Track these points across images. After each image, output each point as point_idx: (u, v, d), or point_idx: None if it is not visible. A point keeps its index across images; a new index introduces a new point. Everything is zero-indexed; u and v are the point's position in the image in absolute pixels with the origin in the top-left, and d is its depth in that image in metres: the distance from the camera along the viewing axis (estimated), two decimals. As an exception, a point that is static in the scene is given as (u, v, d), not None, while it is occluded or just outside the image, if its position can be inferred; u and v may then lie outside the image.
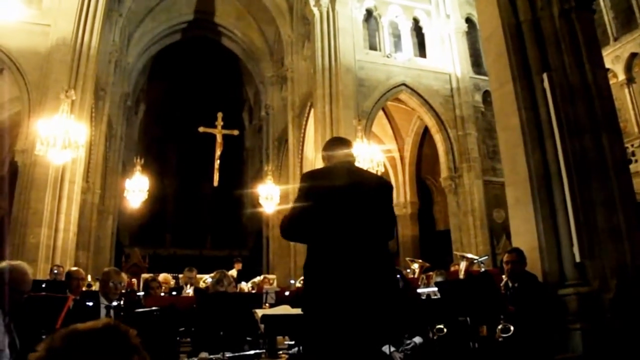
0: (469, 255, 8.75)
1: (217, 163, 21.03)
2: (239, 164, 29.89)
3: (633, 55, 14.56)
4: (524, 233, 5.85)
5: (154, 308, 4.79)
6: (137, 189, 17.14)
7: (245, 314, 4.88)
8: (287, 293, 9.01)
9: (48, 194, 11.74)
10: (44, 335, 3.57)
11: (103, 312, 4.54)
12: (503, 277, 5.47)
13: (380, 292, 2.72)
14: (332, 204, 2.78)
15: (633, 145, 13.87)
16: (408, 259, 11.93)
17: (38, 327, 3.57)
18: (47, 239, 11.55)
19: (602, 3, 14.99)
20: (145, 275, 11.52)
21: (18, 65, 12.82)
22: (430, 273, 8.64)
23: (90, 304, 4.63)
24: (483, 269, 8.31)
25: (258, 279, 12.27)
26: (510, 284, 5.21)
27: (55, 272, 9.38)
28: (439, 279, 7.15)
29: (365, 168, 13.04)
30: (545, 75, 5.88)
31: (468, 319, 4.70)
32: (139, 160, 17.52)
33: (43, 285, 7.01)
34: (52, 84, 12.41)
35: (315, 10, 16.66)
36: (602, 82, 6.02)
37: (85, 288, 7.06)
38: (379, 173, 13.61)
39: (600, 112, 5.81)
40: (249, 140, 29.98)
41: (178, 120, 29.21)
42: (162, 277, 9.49)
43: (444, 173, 16.82)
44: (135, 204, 17.55)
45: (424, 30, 17.82)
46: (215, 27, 25.45)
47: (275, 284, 11.66)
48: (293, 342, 5.11)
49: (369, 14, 17.37)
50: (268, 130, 24.97)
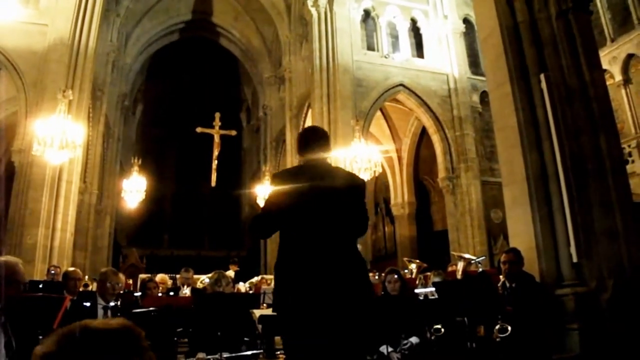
0: (467, 256, 8.74)
1: (214, 163, 20.96)
2: (237, 165, 29.87)
3: (630, 56, 14.60)
4: (522, 233, 5.86)
5: (152, 308, 4.78)
6: (134, 189, 17.11)
7: (243, 315, 4.88)
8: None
9: (45, 194, 11.71)
10: (41, 336, 3.56)
11: (100, 312, 4.53)
12: (500, 277, 5.47)
13: (348, 290, 2.71)
14: (298, 204, 2.81)
15: (630, 146, 13.90)
16: (406, 259, 11.92)
17: (35, 327, 3.56)
18: (44, 239, 11.52)
19: (599, 4, 15.03)
20: (143, 276, 11.49)
21: (15, 65, 12.79)
22: (428, 273, 8.63)
23: (88, 305, 4.62)
24: (480, 269, 8.31)
25: (256, 280, 12.25)
26: (508, 284, 5.21)
27: (53, 272, 9.35)
28: (437, 279, 7.14)
29: (363, 169, 13.06)
30: (543, 76, 5.90)
31: (465, 319, 4.71)
32: (137, 161, 17.49)
33: (40, 286, 7.00)
34: (49, 84, 12.38)
35: (313, 11, 16.66)
36: (599, 83, 6.03)
37: (83, 288, 7.04)
38: (377, 173, 13.63)
39: (598, 112, 5.83)
40: (247, 141, 29.97)
41: (176, 121, 29.19)
42: (159, 277, 9.46)
43: (442, 173, 16.84)
44: (133, 204, 17.52)
45: (422, 31, 17.84)
46: (213, 27, 25.44)
47: (273, 285, 11.62)
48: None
49: (367, 15, 17.38)
50: (266, 131, 24.96)
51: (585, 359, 4.91)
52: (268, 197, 2.98)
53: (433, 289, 6.19)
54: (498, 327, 4.39)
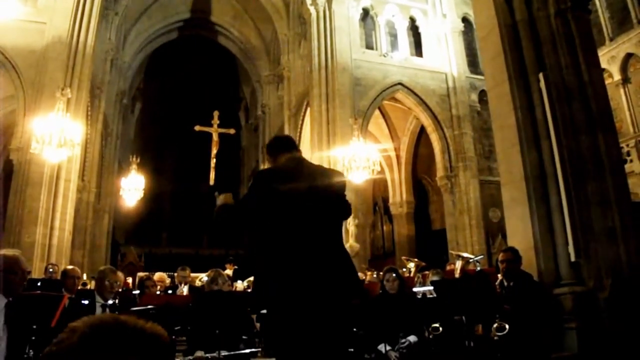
0: (465, 255, 8.76)
1: (213, 162, 20.94)
2: (235, 163, 29.85)
3: (629, 56, 14.61)
4: (520, 232, 5.87)
5: (150, 307, 4.78)
6: (133, 188, 17.12)
7: (241, 313, 4.88)
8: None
9: (43, 193, 11.70)
10: (40, 333, 3.56)
11: (99, 310, 4.53)
12: (498, 276, 5.48)
13: (342, 285, 2.72)
14: (293, 202, 2.76)
15: (628, 145, 13.93)
16: (404, 258, 11.94)
17: (33, 325, 3.56)
18: (42, 238, 11.51)
19: (597, 3, 15.04)
20: (141, 274, 11.48)
21: (13, 63, 12.76)
22: (426, 272, 8.64)
23: (86, 303, 4.62)
24: (479, 268, 8.32)
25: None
26: (506, 283, 5.22)
27: (51, 270, 9.33)
28: (435, 278, 7.14)
29: (362, 167, 13.06)
30: (541, 75, 5.90)
31: (463, 318, 4.72)
32: (135, 159, 17.49)
33: (38, 284, 6.99)
34: (47, 82, 12.36)
35: (312, 9, 16.65)
36: (597, 82, 6.04)
37: (81, 287, 7.04)
38: (375, 172, 13.63)
39: (596, 112, 5.83)
40: (245, 139, 29.94)
41: (174, 119, 29.16)
42: (157, 276, 9.44)
43: (440, 172, 16.85)
44: (131, 203, 17.52)
45: (421, 30, 17.83)
46: (212, 25, 25.39)
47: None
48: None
49: (366, 13, 17.37)
50: (264, 129, 24.94)
51: (583, 358, 4.92)
52: (254, 192, 2.82)
53: (431, 288, 6.19)
54: (496, 325, 4.40)
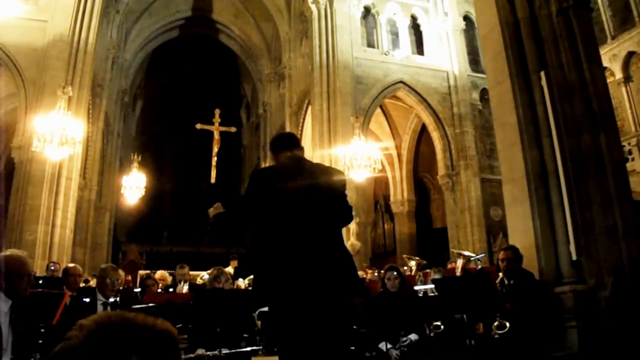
0: (466, 253, 8.76)
1: (214, 160, 20.99)
2: (237, 161, 29.87)
3: (630, 54, 14.58)
4: (521, 231, 5.86)
5: (151, 304, 4.79)
6: (134, 186, 17.14)
7: (242, 311, 4.88)
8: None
9: (45, 191, 11.72)
10: (42, 331, 3.57)
11: (100, 308, 4.53)
12: (499, 274, 5.48)
13: (338, 281, 2.74)
14: (288, 200, 2.82)
15: (630, 144, 13.90)
16: (405, 256, 11.94)
17: (35, 323, 3.56)
18: (44, 236, 11.53)
19: (599, 1, 15.01)
20: (142, 272, 11.50)
21: (15, 62, 12.77)
22: (428, 270, 8.66)
23: (87, 300, 4.63)
24: (480, 267, 8.33)
25: (255, 276, 12.25)
26: (506, 282, 5.22)
27: (52, 268, 9.34)
28: (436, 277, 7.15)
29: (363, 165, 13.06)
30: (543, 73, 5.89)
31: (465, 316, 4.72)
32: (136, 157, 17.52)
33: (40, 282, 7.00)
34: (49, 80, 12.38)
35: (313, 8, 16.64)
36: (599, 80, 6.02)
37: (82, 284, 7.05)
38: (376, 170, 13.64)
39: (598, 110, 5.82)
40: (247, 138, 29.95)
41: (175, 117, 29.16)
42: (159, 274, 9.46)
43: (441, 171, 16.85)
44: (133, 201, 17.55)
45: (422, 28, 17.82)
46: (213, 24, 25.38)
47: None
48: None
49: (367, 12, 17.36)
50: (265, 128, 24.94)
51: (584, 357, 4.92)
52: (252, 191, 2.93)
53: (432, 286, 6.20)
54: (497, 324, 4.40)
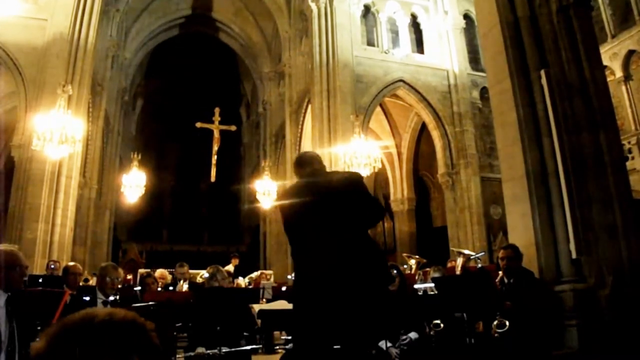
0: (466, 252, 8.76)
1: (214, 158, 20.97)
2: (237, 160, 29.88)
3: (631, 53, 14.56)
4: (521, 229, 5.86)
5: (151, 303, 4.79)
6: (134, 184, 17.12)
7: (242, 309, 4.89)
8: (284, 288, 9.04)
9: (45, 189, 11.71)
10: (41, 331, 3.57)
11: (100, 306, 4.54)
12: (499, 273, 5.48)
13: (358, 284, 2.87)
14: (298, 214, 3.12)
15: (630, 143, 13.89)
16: (405, 255, 11.95)
17: (35, 321, 3.57)
18: (44, 234, 11.52)
19: (600, 0, 14.98)
20: (142, 271, 11.51)
21: (14, 60, 12.76)
22: (427, 269, 8.65)
23: (87, 299, 4.63)
24: (479, 265, 8.33)
25: (255, 275, 12.28)
26: (506, 280, 5.22)
27: (52, 267, 9.36)
28: (436, 275, 7.15)
29: (363, 164, 13.05)
30: (543, 72, 5.88)
31: (464, 315, 4.72)
32: (136, 156, 17.49)
33: (40, 280, 7.01)
34: (48, 79, 12.36)
35: (313, 6, 16.62)
36: (599, 79, 6.02)
37: (83, 283, 7.05)
38: (376, 169, 13.63)
39: (598, 109, 5.82)
40: (247, 136, 29.96)
41: (175, 116, 29.17)
42: (159, 272, 9.48)
43: (441, 169, 16.84)
44: (133, 200, 17.54)
45: (422, 27, 17.79)
46: (213, 22, 25.37)
47: (273, 280, 11.67)
48: (290, 336, 5.13)
49: (367, 10, 17.33)
50: (265, 126, 24.94)
51: (584, 356, 4.92)
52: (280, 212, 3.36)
53: (432, 285, 6.21)
54: (496, 322, 4.40)
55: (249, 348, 4.91)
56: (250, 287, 10.46)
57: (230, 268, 12.58)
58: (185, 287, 8.06)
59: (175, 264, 8.77)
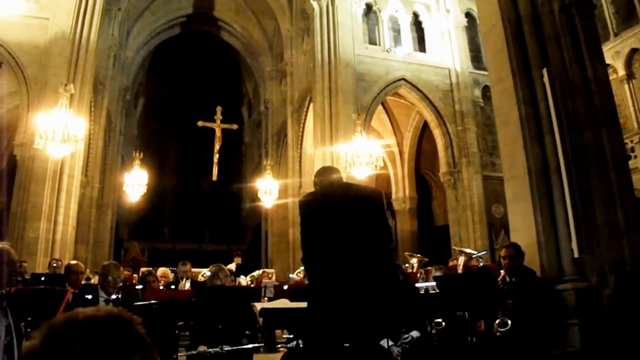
0: (468, 250, 8.77)
1: (216, 157, 21.02)
2: (238, 159, 29.88)
3: (633, 51, 14.51)
4: (523, 228, 5.86)
5: (153, 301, 4.80)
6: (136, 183, 17.14)
7: (244, 308, 4.89)
8: (285, 287, 9.03)
9: (47, 188, 11.73)
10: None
11: (102, 305, 4.55)
12: (501, 272, 5.48)
13: (372, 292, 2.98)
14: (322, 223, 3.20)
15: (632, 141, 13.85)
16: (407, 254, 11.94)
17: (37, 319, 3.57)
18: (46, 233, 11.55)
19: (602, -2, 14.94)
20: (144, 269, 11.52)
21: (17, 59, 12.78)
22: (429, 268, 8.66)
23: (89, 297, 4.64)
24: (481, 264, 8.33)
25: (257, 273, 12.29)
26: (508, 279, 5.22)
27: (54, 265, 9.39)
28: (438, 274, 7.15)
29: (364, 163, 13.05)
30: (545, 71, 5.87)
31: (466, 314, 4.72)
32: (138, 155, 17.52)
33: (42, 279, 7.03)
34: (50, 78, 12.38)
35: (315, 5, 16.61)
36: (602, 77, 6.01)
37: (85, 282, 7.06)
38: (378, 168, 13.63)
39: (600, 107, 5.81)
40: (248, 135, 29.95)
41: (177, 115, 29.14)
42: (161, 271, 9.48)
43: (443, 168, 16.82)
44: (134, 198, 17.56)
45: (424, 25, 17.77)
46: (215, 21, 25.37)
47: (274, 278, 11.68)
48: (291, 335, 5.13)
49: (369, 9, 17.31)
50: (267, 125, 24.93)
51: (586, 355, 4.91)
52: (301, 223, 3.31)
53: (434, 284, 6.21)
54: (498, 321, 4.40)
55: (251, 347, 4.91)
56: (252, 285, 10.47)
57: (233, 267, 12.60)
58: (188, 285, 8.06)
59: (177, 263, 8.78)
